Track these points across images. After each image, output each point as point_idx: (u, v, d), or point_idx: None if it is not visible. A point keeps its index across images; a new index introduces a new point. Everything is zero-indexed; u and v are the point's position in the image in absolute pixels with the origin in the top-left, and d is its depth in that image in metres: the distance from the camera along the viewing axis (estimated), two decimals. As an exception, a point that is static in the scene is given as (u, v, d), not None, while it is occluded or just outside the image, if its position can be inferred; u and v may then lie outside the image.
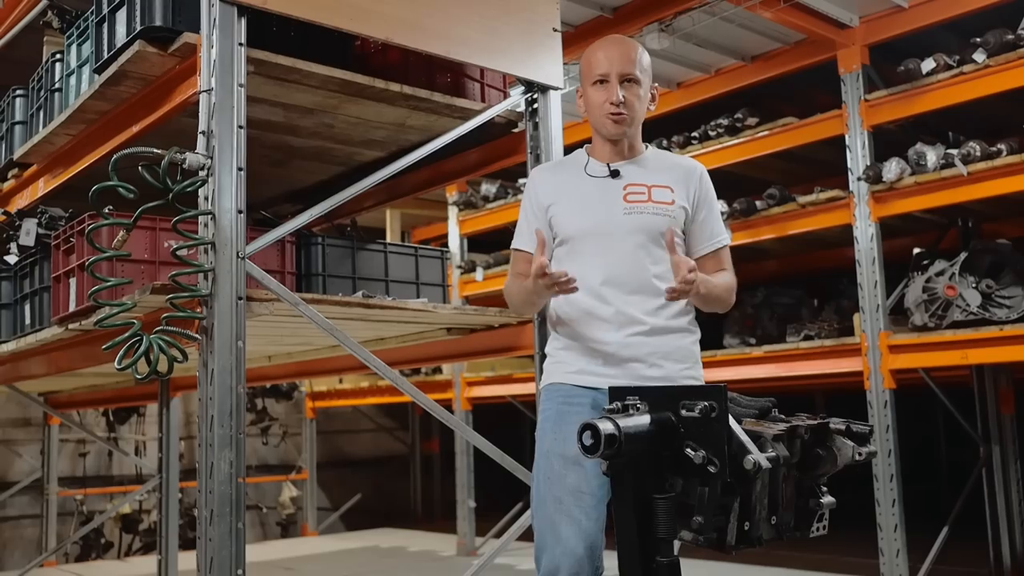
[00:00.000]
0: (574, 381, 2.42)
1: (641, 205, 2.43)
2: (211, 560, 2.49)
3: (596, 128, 2.52)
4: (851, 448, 1.62)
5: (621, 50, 2.47)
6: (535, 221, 2.51)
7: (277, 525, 9.48)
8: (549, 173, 2.65)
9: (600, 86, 2.45)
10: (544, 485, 2.34)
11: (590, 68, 2.48)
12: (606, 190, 2.46)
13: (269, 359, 4.79)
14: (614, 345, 2.38)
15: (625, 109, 2.43)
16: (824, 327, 5.49)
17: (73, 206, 3.74)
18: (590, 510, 2.27)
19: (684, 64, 5.61)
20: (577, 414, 2.33)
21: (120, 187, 2.51)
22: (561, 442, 2.33)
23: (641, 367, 2.38)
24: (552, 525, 2.27)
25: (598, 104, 2.46)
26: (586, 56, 2.52)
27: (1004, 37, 4.53)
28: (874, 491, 4.82)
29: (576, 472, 2.29)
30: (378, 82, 3.08)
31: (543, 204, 2.51)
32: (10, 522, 8.01)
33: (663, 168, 2.53)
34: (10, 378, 4.61)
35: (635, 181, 2.47)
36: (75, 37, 3.38)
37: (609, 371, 2.38)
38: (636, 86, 2.46)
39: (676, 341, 2.45)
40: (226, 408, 2.54)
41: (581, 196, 2.47)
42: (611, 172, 2.48)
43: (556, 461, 2.33)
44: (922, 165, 4.75)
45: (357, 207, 4.15)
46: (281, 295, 2.78)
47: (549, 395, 2.46)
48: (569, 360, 2.45)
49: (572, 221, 2.46)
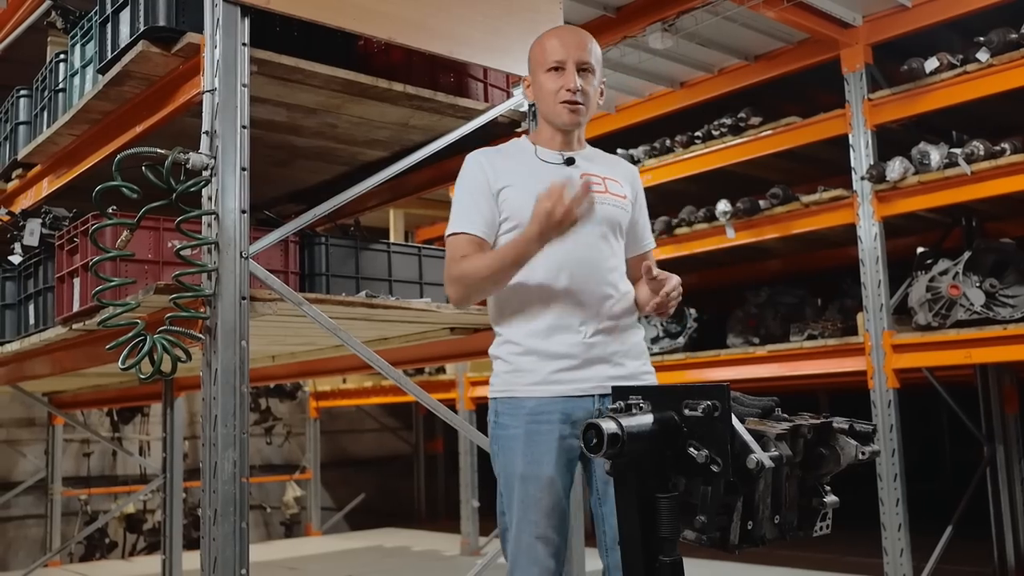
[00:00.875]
0: (540, 393, 2.24)
1: (601, 196, 2.33)
2: (215, 560, 2.50)
3: (548, 117, 2.38)
4: (854, 447, 1.61)
5: (577, 38, 2.37)
6: (482, 202, 2.31)
7: (281, 525, 9.49)
8: (497, 156, 2.41)
9: (555, 73, 2.33)
10: (519, 510, 2.22)
11: (544, 54, 2.36)
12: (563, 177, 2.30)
13: (273, 359, 4.80)
14: (579, 346, 2.26)
15: (581, 98, 2.33)
16: (828, 326, 5.48)
17: (77, 206, 3.74)
18: (560, 527, 2.23)
19: (687, 63, 5.60)
20: (548, 432, 2.22)
21: (124, 187, 2.51)
22: (535, 465, 2.21)
23: (607, 367, 2.28)
24: (528, 548, 2.20)
25: (552, 91, 2.33)
26: (539, 43, 2.41)
27: (1008, 36, 4.52)
28: (878, 490, 4.81)
29: (550, 494, 2.20)
30: (381, 82, 3.09)
31: (492, 186, 2.31)
32: (14, 522, 8.03)
33: (608, 163, 2.48)
34: (14, 378, 4.62)
35: (590, 171, 2.37)
36: (79, 37, 3.39)
37: (576, 376, 2.25)
38: (591, 75, 2.35)
39: (632, 337, 2.37)
40: (230, 408, 2.55)
41: (539, 181, 2.27)
42: (566, 160, 2.37)
43: (532, 485, 2.20)
44: (925, 164, 4.75)
45: (360, 207, 4.16)
46: (284, 295, 2.79)
47: (512, 412, 2.26)
48: (530, 367, 2.26)
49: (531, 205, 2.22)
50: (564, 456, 2.24)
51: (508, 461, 2.26)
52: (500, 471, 2.29)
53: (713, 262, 6.66)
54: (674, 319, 6.20)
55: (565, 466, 2.25)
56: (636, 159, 6.05)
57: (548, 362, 2.25)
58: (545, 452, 2.22)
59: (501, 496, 2.29)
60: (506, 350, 2.32)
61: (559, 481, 2.22)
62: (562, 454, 2.23)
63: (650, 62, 5.46)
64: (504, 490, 2.27)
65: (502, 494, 2.28)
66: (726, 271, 7.05)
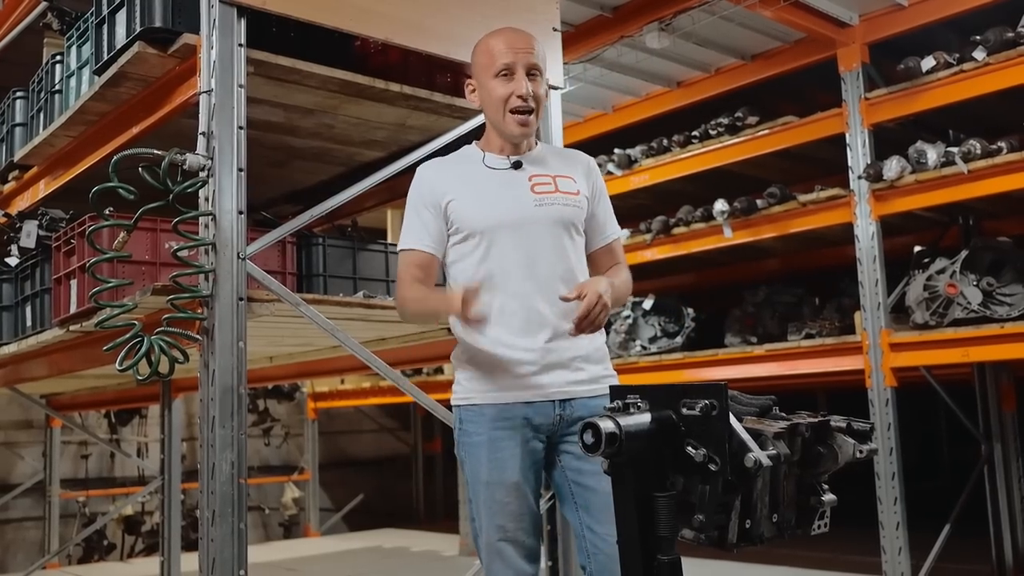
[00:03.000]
0: (501, 400, 2.26)
1: (550, 196, 2.31)
2: (213, 561, 2.49)
3: (496, 126, 2.35)
4: (852, 446, 1.61)
5: (524, 40, 2.32)
6: (427, 216, 2.32)
7: (280, 526, 9.48)
8: (443, 166, 2.42)
9: (504, 79, 2.28)
10: (487, 516, 2.24)
11: (492, 58, 2.30)
12: (511, 182, 2.32)
13: (270, 360, 4.79)
14: (536, 352, 2.25)
15: (533, 104, 2.29)
16: (825, 325, 5.48)
17: (74, 208, 3.74)
18: (530, 528, 2.25)
19: (684, 63, 5.61)
20: (510, 438, 2.24)
21: (121, 188, 2.51)
22: (499, 471, 2.23)
23: (566, 373, 2.27)
24: (499, 553, 2.22)
25: (502, 98, 2.28)
26: (484, 45, 2.36)
27: (1004, 35, 4.52)
28: (876, 489, 4.82)
29: (517, 498, 2.22)
30: (378, 82, 3.08)
31: (438, 199, 2.31)
32: (12, 524, 8.02)
33: (559, 160, 2.45)
34: (11, 380, 4.62)
35: (538, 172, 2.35)
36: (75, 39, 3.39)
37: (535, 382, 2.25)
38: (540, 79, 2.31)
39: (593, 342, 2.33)
40: (227, 409, 2.54)
41: (485, 189, 2.30)
42: (513, 164, 2.35)
43: (497, 491, 2.22)
44: (922, 163, 4.75)
45: (358, 207, 4.15)
46: (282, 296, 2.78)
47: (475, 419, 2.28)
48: (490, 374, 2.27)
49: (479, 214, 2.28)
50: (529, 459, 2.26)
51: (473, 468, 2.28)
52: (467, 478, 2.31)
53: (711, 261, 6.67)
54: (672, 318, 6.20)
55: (531, 469, 2.27)
56: (633, 159, 6.05)
57: (507, 368, 2.26)
58: (509, 457, 2.24)
59: (470, 502, 2.31)
60: (466, 357, 2.33)
61: (525, 485, 2.25)
62: (526, 457, 2.26)
63: (647, 62, 5.46)
64: (472, 496, 2.30)
65: (471, 500, 2.30)
66: (724, 270, 7.05)
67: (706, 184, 5.96)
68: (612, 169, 6.07)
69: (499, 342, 2.27)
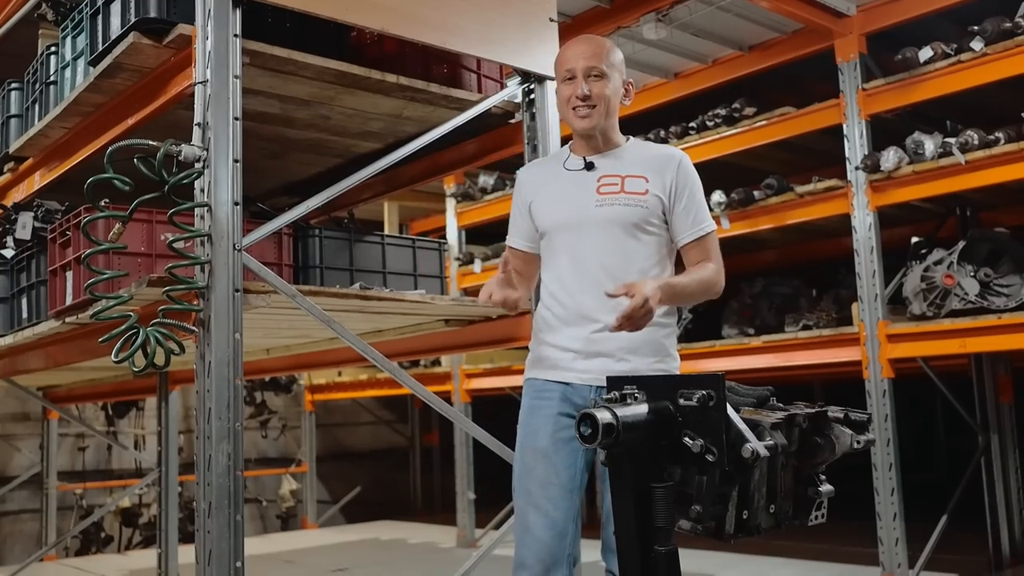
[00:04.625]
0: (545, 376, 2.48)
1: (613, 196, 2.46)
2: (210, 553, 2.49)
3: (568, 124, 2.57)
4: (849, 436, 1.61)
5: (588, 47, 2.52)
6: (520, 218, 2.62)
7: (277, 518, 9.49)
8: (534, 169, 2.75)
9: (567, 83, 2.51)
10: (517, 478, 2.43)
11: (559, 67, 2.55)
12: (581, 183, 2.50)
13: (267, 352, 4.79)
14: (581, 341, 2.42)
15: (592, 102, 2.47)
16: (822, 317, 5.49)
17: (69, 199, 3.73)
18: (559, 500, 2.35)
19: (681, 54, 5.59)
20: (547, 408, 2.42)
21: (116, 180, 2.50)
22: (531, 436, 2.42)
23: (609, 362, 2.39)
24: (522, 515, 2.38)
25: (565, 100, 2.52)
26: (557, 56, 2.60)
27: (1002, 25, 4.51)
28: (873, 480, 4.83)
29: (544, 464, 2.37)
30: (374, 73, 3.07)
31: (526, 200, 2.59)
32: (10, 517, 8.02)
33: (640, 158, 2.54)
34: (8, 372, 4.61)
35: (609, 172, 2.50)
36: (70, 29, 3.37)
37: (577, 366, 2.42)
38: (603, 80, 2.48)
39: (645, 335, 2.38)
40: (224, 401, 2.54)
41: (558, 190, 2.53)
42: (586, 165, 2.52)
43: (527, 454, 2.41)
44: (920, 154, 4.75)
45: (354, 199, 4.14)
46: (278, 287, 2.78)
47: (527, 391, 2.53)
48: (543, 355, 2.50)
49: (548, 215, 2.53)
50: (562, 432, 2.39)
51: (517, 433, 2.49)
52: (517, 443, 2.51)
53: (708, 253, 6.65)
54: (670, 310, 6.19)
55: (566, 444, 2.38)
56: (630, 150, 6.03)
57: (556, 352, 2.46)
58: (541, 425, 2.42)
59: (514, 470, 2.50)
60: (532, 341, 2.59)
61: (555, 455, 2.38)
62: (559, 430, 2.39)
63: (644, 53, 5.44)
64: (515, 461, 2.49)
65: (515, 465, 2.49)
66: (721, 262, 7.04)
67: (703, 175, 5.83)
68: (609, 160, 6.05)
69: (552, 330, 2.48)
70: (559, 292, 2.48)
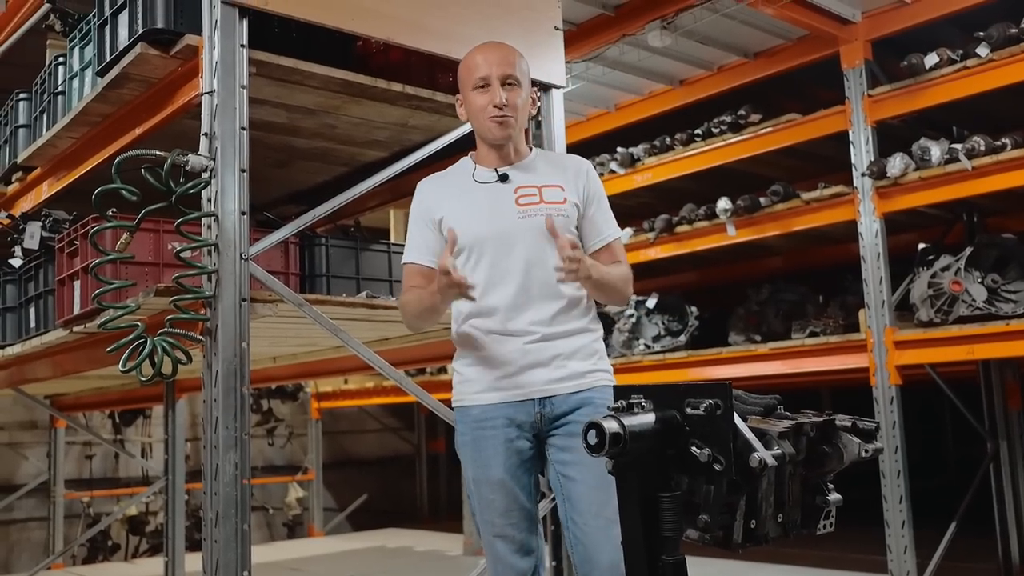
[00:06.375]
0: (484, 400, 2.37)
1: (534, 207, 2.39)
2: (217, 561, 2.49)
3: (481, 134, 2.47)
4: (857, 445, 1.61)
5: (500, 53, 2.44)
6: (426, 232, 2.45)
7: (283, 526, 9.49)
8: (435, 183, 2.54)
9: (481, 90, 2.40)
10: (478, 512, 2.39)
11: (470, 73, 2.43)
12: (497, 195, 2.42)
13: (274, 360, 4.79)
14: (514, 353, 2.35)
15: (508, 111, 2.39)
16: (829, 323, 5.47)
17: (77, 209, 3.74)
18: (520, 523, 2.34)
19: (686, 61, 5.60)
20: (493, 437, 2.35)
21: (123, 189, 2.51)
22: (484, 469, 2.35)
23: (545, 371, 2.35)
24: (490, 546, 2.36)
25: (480, 108, 2.41)
26: (464, 61, 2.48)
27: (1008, 31, 4.50)
28: (881, 488, 4.80)
29: (502, 494, 2.33)
30: (380, 82, 3.08)
31: (433, 215, 2.44)
32: (17, 525, 8.03)
33: (551, 167, 2.51)
34: (16, 381, 4.62)
35: (525, 183, 2.43)
36: (77, 40, 3.39)
37: (514, 381, 2.35)
38: (517, 88, 2.41)
39: (578, 341, 2.39)
40: (231, 409, 2.54)
41: (471, 203, 2.42)
42: (500, 176, 2.43)
43: (483, 488, 2.36)
44: (926, 160, 4.74)
45: (360, 207, 4.15)
46: (285, 296, 2.78)
47: (462, 419, 2.42)
48: (474, 377, 2.40)
49: (466, 229, 2.38)
50: (515, 458, 2.35)
51: (464, 467, 2.43)
52: (464, 476, 2.46)
53: (714, 260, 6.66)
54: (676, 317, 6.19)
55: (519, 467, 2.36)
56: (636, 157, 6.04)
57: (489, 371, 2.38)
58: (492, 456, 2.35)
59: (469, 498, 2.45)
60: (458, 363, 2.46)
61: (511, 482, 2.34)
62: (511, 456, 2.35)
63: (649, 60, 5.45)
64: (468, 494, 2.44)
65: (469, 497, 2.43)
66: (727, 269, 7.04)
67: (709, 182, 5.95)
68: (615, 168, 6.06)
69: (483, 346, 2.39)
70: (485, 307, 2.37)
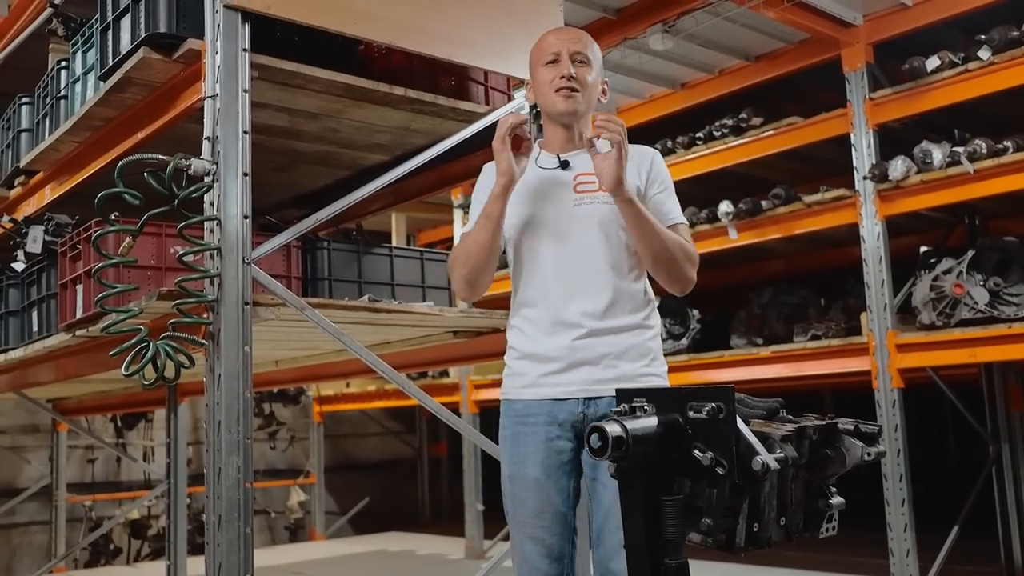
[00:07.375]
0: (528, 396, 2.31)
1: (591, 195, 2.33)
2: (219, 565, 2.49)
3: (547, 110, 2.41)
4: (860, 448, 1.60)
5: (573, 33, 2.43)
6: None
7: (285, 529, 9.49)
8: None
9: (550, 66, 2.36)
10: (510, 508, 2.31)
11: (541, 52, 2.40)
12: (556, 182, 2.37)
13: (276, 364, 4.80)
14: (565, 349, 2.27)
15: (576, 84, 2.33)
16: (831, 326, 5.47)
17: (79, 213, 3.75)
18: (552, 526, 2.25)
19: (688, 65, 5.60)
20: (533, 434, 2.28)
21: (126, 193, 2.51)
22: (520, 466, 2.29)
23: (592, 370, 2.26)
24: (518, 546, 2.28)
25: (547, 82, 2.35)
26: (537, 43, 2.44)
27: (1009, 34, 4.51)
28: (883, 491, 4.80)
29: (536, 493, 2.26)
30: (382, 86, 3.08)
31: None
32: (19, 528, 8.04)
33: None
34: (18, 385, 4.63)
35: (585, 171, 2.35)
36: (80, 44, 3.39)
37: (561, 379, 2.28)
38: (587, 67, 2.36)
39: (630, 339, 2.30)
40: (233, 413, 2.54)
41: (530, 189, 2.36)
42: (561, 163, 2.38)
43: (517, 485, 2.29)
44: (928, 163, 4.74)
45: (363, 211, 4.15)
46: (287, 300, 2.78)
47: (506, 412, 2.37)
48: (522, 371, 2.34)
49: (521, 215, 2.35)
50: (553, 458, 2.27)
51: (502, 461, 2.36)
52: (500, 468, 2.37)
53: (716, 263, 6.64)
54: (677, 320, 6.19)
55: (558, 468, 2.27)
56: (638, 161, 6.04)
57: (537, 365, 2.31)
58: (530, 454, 2.28)
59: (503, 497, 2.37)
60: (508, 355, 2.41)
61: (547, 483, 2.26)
62: (551, 456, 2.27)
63: (651, 63, 5.46)
64: (503, 489, 2.35)
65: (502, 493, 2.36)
66: (729, 272, 7.04)
67: (711, 185, 5.96)
68: (617, 171, 6.06)
69: (532, 339, 2.32)
70: (536, 298, 2.32)
